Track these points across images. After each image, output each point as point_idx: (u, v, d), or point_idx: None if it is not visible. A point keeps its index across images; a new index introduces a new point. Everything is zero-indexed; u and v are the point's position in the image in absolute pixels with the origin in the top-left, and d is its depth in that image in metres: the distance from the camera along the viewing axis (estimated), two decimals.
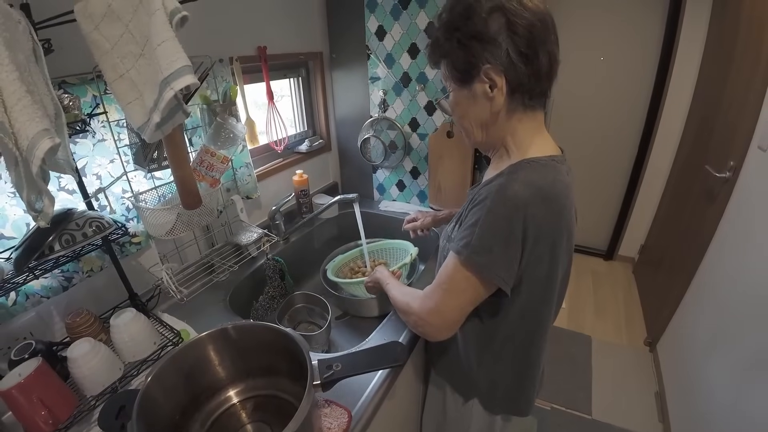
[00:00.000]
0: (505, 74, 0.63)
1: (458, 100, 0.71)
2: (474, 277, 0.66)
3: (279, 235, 1.33)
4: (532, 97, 0.66)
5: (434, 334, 0.73)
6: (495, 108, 0.66)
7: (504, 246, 0.63)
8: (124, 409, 0.65)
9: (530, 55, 0.62)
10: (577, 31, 2.50)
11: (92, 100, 0.85)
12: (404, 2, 1.30)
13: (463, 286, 0.68)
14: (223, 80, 1.09)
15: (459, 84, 0.69)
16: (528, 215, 0.61)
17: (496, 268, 0.64)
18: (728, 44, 1.78)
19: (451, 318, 0.71)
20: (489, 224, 0.63)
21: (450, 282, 0.69)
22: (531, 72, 0.63)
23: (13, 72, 0.53)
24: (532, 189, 0.63)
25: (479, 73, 0.64)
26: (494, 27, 0.61)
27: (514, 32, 0.61)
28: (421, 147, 1.51)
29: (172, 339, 0.87)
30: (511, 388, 0.83)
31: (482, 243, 0.64)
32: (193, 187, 0.78)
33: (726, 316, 1.39)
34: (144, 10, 0.59)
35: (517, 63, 0.62)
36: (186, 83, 0.57)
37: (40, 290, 0.84)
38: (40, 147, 0.52)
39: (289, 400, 0.76)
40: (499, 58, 0.62)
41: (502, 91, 0.64)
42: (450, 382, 0.92)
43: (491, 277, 0.65)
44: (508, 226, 0.62)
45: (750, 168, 1.41)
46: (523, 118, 0.69)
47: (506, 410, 0.87)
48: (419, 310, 0.73)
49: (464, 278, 0.67)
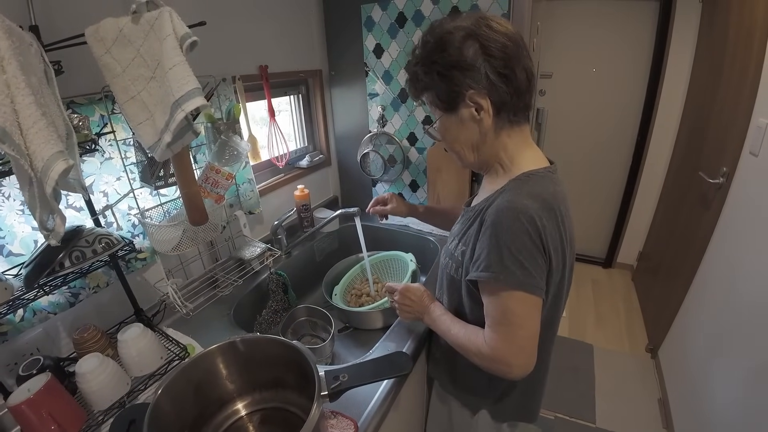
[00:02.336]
0: (488, 96, 0.65)
1: (447, 127, 0.73)
2: (525, 295, 0.65)
3: (281, 249, 1.34)
4: (516, 113, 0.69)
5: (524, 371, 0.68)
6: (484, 129, 0.69)
7: (531, 257, 0.64)
8: (134, 424, 0.66)
9: (508, 74, 0.64)
10: (570, 45, 2.56)
11: (100, 119, 0.87)
12: (401, 21, 1.35)
13: (522, 311, 0.66)
14: (227, 99, 1.12)
15: (446, 112, 0.71)
16: (542, 226, 0.63)
17: (533, 278, 0.64)
18: (717, 52, 1.83)
19: (531, 349, 0.67)
20: (513, 241, 0.63)
21: (509, 315, 0.66)
22: (512, 90, 0.66)
23: (29, 96, 0.55)
24: (539, 201, 0.64)
25: (464, 99, 0.67)
26: (470, 54, 0.64)
27: (489, 55, 0.63)
28: (419, 161, 1.54)
29: (178, 353, 0.88)
30: (521, 396, 0.84)
31: (513, 261, 0.63)
32: (200, 203, 0.80)
33: (726, 320, 1.40)
34: (155, 35, 0.62)
35: (497, 84, 0.65)
36: (196, 105, 0.60)
37: (48, 306, 0.85)
38: (55, 169, 0.54)
39: (296, 412, 0.76)
40: (480, 81, 0.64)
41: (488, 112, 0.67)
42: (456, 396, 0.92)
43: (533, 290, 0.64)
44: (529, 238, 0.63)
45: (743, 173, 1.44)
46: (511, 133, 0.71)
47: (514, 417, 0.87)
48: (503, 356, 0.67)
49: (518, 302, 0.65)
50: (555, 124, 2.68)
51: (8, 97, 0.52)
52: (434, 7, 1.28)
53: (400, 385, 0.87)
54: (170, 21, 0.61)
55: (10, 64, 0.52)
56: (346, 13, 1.43)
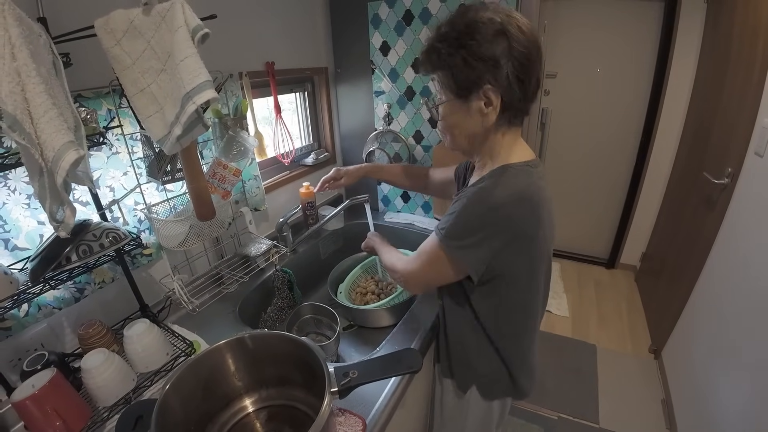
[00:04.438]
0: (501, 95, 0.67)
1: (452, 111, 0.74)
2: (446, 257, 0.74)
3: (287, 246, 1.34)
4: (516, 116, 0.73)
5: (412, 290, 0.94)
6: (486, 124, 0.71)
7: (474, 238, 0.70)
8: (141, 420, 0.65)
9: (525, 79, 0.67)
10: (575, 44, 2.56)
11: (107, 113, 0.87)
12: (408, 19, 1.34)
13: (436, 261, 0.77)
14: (233, 95, 1.12)
15: (456, 97, 0.71)
16: (502, 214, 0.68)
17: (465, 255, 0.72)
18: (723, 52, 1.83)
19: (424, 281, 0.84)
20: (465, 217, 0.70)
21: (427, 255, 0.78)
22: (523, 95, 0.68)
23: (40, 84, 0.54)
24: (509, 191, 0.69)
25: (479, 91, 0.68)
26: (498, 50, 0.64)
27: (514, 57, 0.65)
28: (425, 158, 1.53)
29: (184, 350, 0.87)
30: (507, 375, 0.88)
31: (456, 231, 0.71)
32: (208, 198, 0.80)
33: (730, 321, 1.39)
34: (166, 27, 0.61)
35: (513, 86, 0.67)
36: (207, 97, 0.59)
37: (53, 301, 0.84)
38: (66, 159, 0.53)
39: (303, 410, 0.76)
40: (500, 80, 0.66)
41: (496, 109, 0.69)
42: (450, 376, 0.96)
43: (458, 262, 0.74)
44: (480, 222, 0.69)
45: (748, 174, 1.43)
46: (506, 132, 0.75)
47: (504, 394, 0.93)
48: (402, 270, 0.85)
49: (437, 256, 0.76)
50: (559, 124, 2.68)
51: (19, 84, 0.51)
52: (441, 5, 1.28)
53: (409, 382, 0.87)
54: (182, 12, 0.60)
55: (21, 52, 0.51)
56: (353, 11, 1.43)
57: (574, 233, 3.05)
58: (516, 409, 1.85)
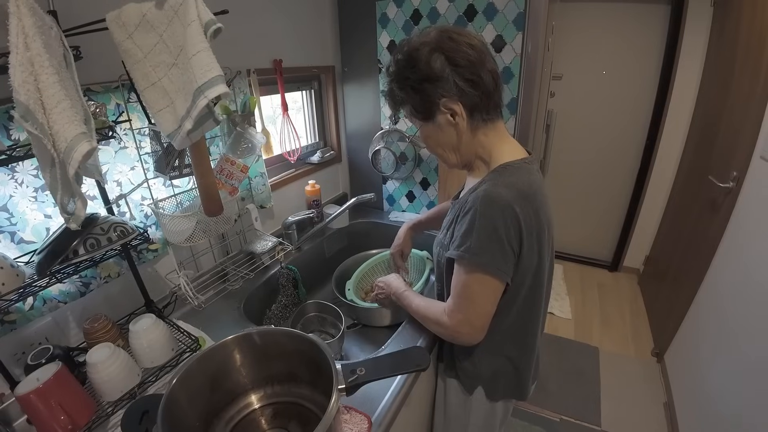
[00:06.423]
0: (460, 101, 0.71)
1: (428, 134, 0.79)
2: (485, 277, 0.72)
3: (292, 244, 1.33)
4: (488, 111, 0.75)
5: (469, 341, 0.80)
6: (460, 131, 0.75)
7: (500, 243, 0.70)
8: (147, 414, 0.65)
9: (475, 79, 0.70)
10: (581, 47, 2.56)
11: (116, 108, 0.87)
12: (416, 18, 1.34)
13: (479, 290, 0.74)
14: (241, 92, 1.12)
15: (424, 121, 0.77)
16: (516, 213, 0.69)
17: (498, 263, 0.71)
18: (729, 56, 1.82)
19: (480, 324, 0.77)
20: (484, 226, 0.70)
21: (467, 290, 0.75)
22: (481, 92, 0.71)
23: (53, 75, 0.54)
24: (513, 190, 0.70)
25: (439, 107, 0.73)
26: (437, 66, 0.70)
27: (455, 65, 0.69)
28: (431, 158, 1.53)
29: (190, 345, 0.86)
30: (512, 375, 0.88)
31: (482, 244, 0.70)
32: (216, 194, 0.79)
33: (733, 325, 1.39)
34: (179, 21, 0.61)
35: (466, 89, 0.70)
36: (219, 92, 0.59)
37: (58, 295, 0.84)
38: (79, 149, 0.53)
39: (309, 407, 0.75)
40: (450, 89, 0.70)
41: (462, 116, 0.73)
42: (454, 376, 0.95)
43: (496, 273, 0.71)
44: (502, 224, 0.69)
45: (753, 178, 1.43)
46: (486, 131, 0.77)
47: (507, 395, 0.92)
48: (451, 324, 0.79)
49: (477, 282, 0.73)
50: (564, 126, 2.67)
51: (32, 74, 0.51)
52: (450, 5, 1.28)
53: (414, 381, 0.87)
54: (195, 7, 0.60)
55: (34, 41, 0.51)
56: (361, 10, 1.43)
57: (577, 235, 3.04)
58: (518, 410, 1.84)
